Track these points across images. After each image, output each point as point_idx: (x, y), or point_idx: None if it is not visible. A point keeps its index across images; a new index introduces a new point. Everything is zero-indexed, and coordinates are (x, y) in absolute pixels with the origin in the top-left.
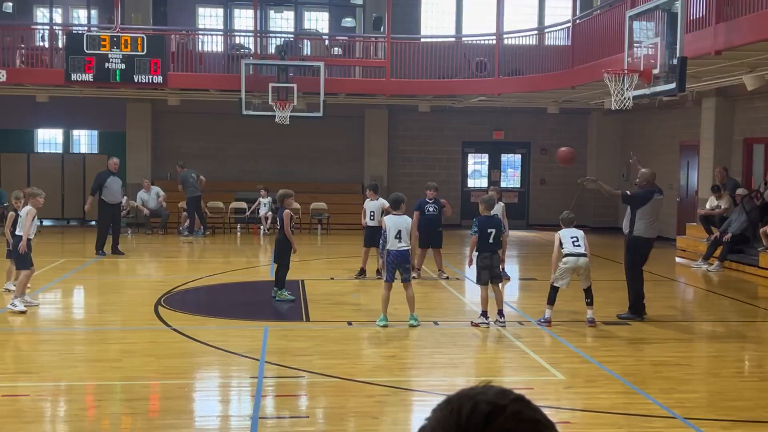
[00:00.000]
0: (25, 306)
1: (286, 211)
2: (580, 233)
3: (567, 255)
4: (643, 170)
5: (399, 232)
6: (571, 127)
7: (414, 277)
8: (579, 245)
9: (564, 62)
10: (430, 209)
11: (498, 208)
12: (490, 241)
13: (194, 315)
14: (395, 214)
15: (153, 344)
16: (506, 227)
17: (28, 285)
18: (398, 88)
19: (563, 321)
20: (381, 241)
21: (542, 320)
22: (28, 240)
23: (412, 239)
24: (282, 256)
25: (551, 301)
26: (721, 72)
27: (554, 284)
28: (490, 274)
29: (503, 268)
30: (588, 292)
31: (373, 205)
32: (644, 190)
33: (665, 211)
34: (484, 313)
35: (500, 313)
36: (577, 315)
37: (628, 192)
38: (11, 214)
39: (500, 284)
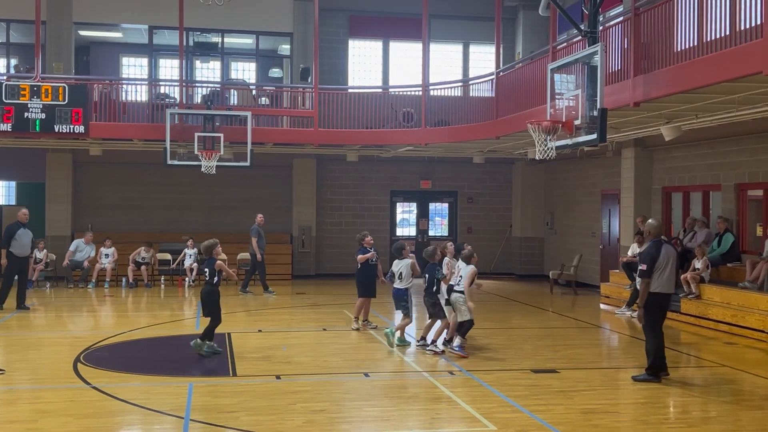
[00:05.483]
0: None
1: (218, 261)
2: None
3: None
4: (650, 221)
5: (400, 273)
6: (496, 176)
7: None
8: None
9: (488, 113)
10: (373, 260)
11: (404, 264)
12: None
13: (116, 372)
14: (399, 259)
15: (72, 403)
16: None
17: None
18: (326, 137)
19: (494, 369)
20: (389, 276)
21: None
22: None
23: (414, 272)
24: (213, 309)
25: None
26: (639, 123)
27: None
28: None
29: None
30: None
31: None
32: (653, 245)
33: (589, 258)
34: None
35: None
36: (507, 363)
37: (642, 267)
38: None
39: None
